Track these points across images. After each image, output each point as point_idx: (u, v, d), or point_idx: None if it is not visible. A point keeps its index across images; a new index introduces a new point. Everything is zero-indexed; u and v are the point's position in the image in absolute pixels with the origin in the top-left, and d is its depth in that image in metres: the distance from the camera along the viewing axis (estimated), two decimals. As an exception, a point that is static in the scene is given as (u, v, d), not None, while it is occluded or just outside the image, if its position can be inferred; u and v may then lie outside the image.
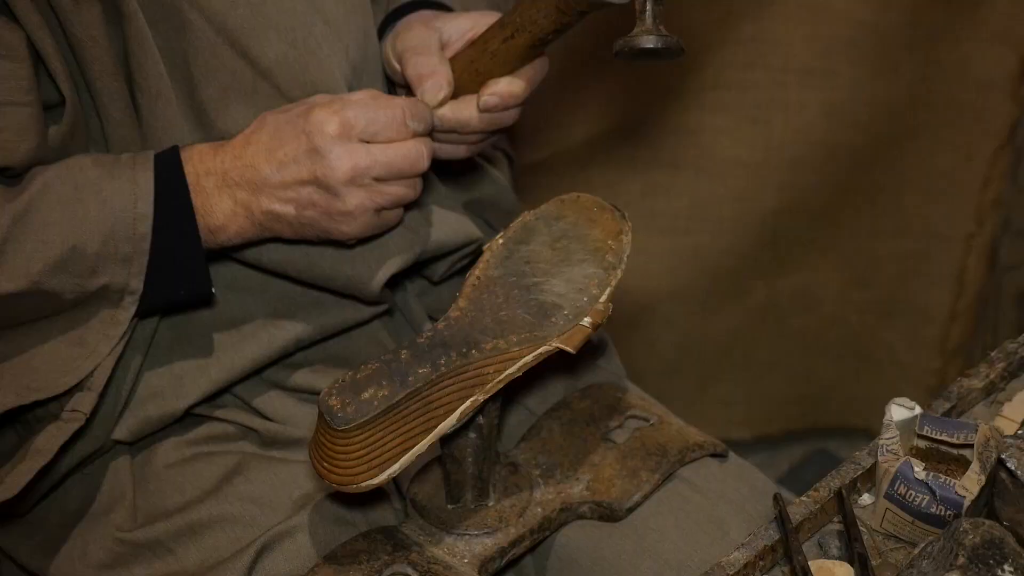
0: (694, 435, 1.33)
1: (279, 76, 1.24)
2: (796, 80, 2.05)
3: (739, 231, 2.18)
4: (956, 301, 2.23)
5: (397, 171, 1.21)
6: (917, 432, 1.12)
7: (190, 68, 1.21)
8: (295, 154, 1.19)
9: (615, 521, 1.25)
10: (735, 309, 2.27)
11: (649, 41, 1.15)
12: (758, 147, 2.10)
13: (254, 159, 1.20)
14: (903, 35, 2.01)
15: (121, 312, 1.19)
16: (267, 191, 1.19)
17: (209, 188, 1.19)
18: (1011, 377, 1.25)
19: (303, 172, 1.19)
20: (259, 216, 1.21)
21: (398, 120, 1.21)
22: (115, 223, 1.16)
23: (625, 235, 1.22)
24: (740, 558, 1.06)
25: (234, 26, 1.21)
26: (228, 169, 1.20)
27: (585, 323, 1.15)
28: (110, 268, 1.16)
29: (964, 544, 0.98)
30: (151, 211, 1.16)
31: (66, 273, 1.15)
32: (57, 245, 1.14)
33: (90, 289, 1.16)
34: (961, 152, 2.10)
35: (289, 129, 1.20)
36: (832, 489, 1.11)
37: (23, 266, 1.13)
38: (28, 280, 1.13)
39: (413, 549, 1.17)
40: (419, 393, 1.09)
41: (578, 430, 1.32)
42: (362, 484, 1.09)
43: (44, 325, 1.18)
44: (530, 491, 1.24)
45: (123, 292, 1.18)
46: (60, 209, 1.15)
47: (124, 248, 1.16)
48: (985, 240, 2.16)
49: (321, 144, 1.18)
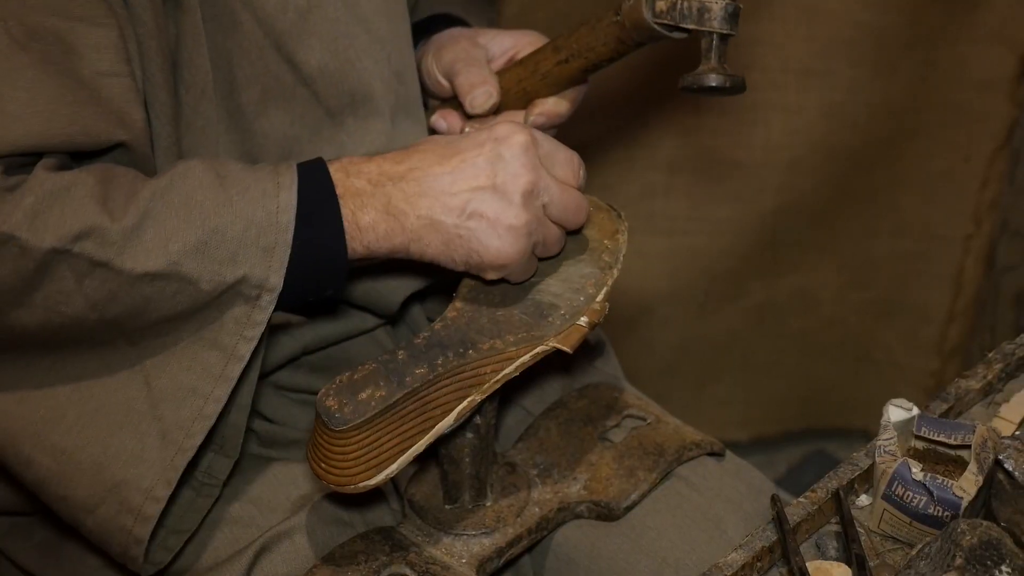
0: (691, 434, 1.33)
1: (319, 83, 1.23)
2: (794, 81, 2.05)
3: (737, 232, 2.18)
4: (954, 302, 2.23)
5: (563, 209, 1.16)
6: (915, 433, 1.12)
7: (233, 69, 1.20)
8: (475, 159, 1.14)
9: (612, 520, 1.26)
10: (733, 310, 2.27)
11: (715, 80, 1.20)
12: (756, 148, 2.10)
13: (422, 162, 1.14)
14: (901, 36, 2.01)
15: (258, 312, 1.10)
16: (432, 195, 1.13)
17: (360, 185, 1.13)
18: (1009, 378, 1.25)
19: (481, 178, 1.13)
20: (413, 221, 1.13)
21: (574, 163, 1.19)
22: (256, 210, 1.09)
23: (621, 234, 1.23)
24: (738, 559, 1.06)
25: (282, 30, 1.20)
26: (387, 171, 1.14)
27: (582, 323, 1.15)
28: (250, 257, 1.08)
29: (962, 545, 0.98)
30: (295, 201, 1.09)
31: (205, 257, 1.07)
32: (198, 225, 1.07)
33: (228, 280, 1.08)
34: (959, 153, 2.10)
35: (468, 140, 1.15)
36: (830, 490, 1.11)
37: (162, 244, 1.07)
38: (167, 259, 1.06)
39: (411, 550, 1.17)
40: (416, 393, 1.09)
41: (575, 430, 1.32)
42: (359, 485, 1.09)
43: (175, 327, 1.11)
44: (527, 491, 1.24)
45: (262, 288, 1.09)
46: (202, 191, 1.09)
47: (266, 237, 1.09)
48: (983, 241, 2.17)
49: (507, 151, 1.13)
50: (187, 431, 1.10)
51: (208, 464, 1.18)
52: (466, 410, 1.11)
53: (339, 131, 1.26)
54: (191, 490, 1.18)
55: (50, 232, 1.04)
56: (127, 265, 1.05)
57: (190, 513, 1.19)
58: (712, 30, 1.19)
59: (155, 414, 1.10)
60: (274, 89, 1.22)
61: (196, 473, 1.18)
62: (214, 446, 1.17)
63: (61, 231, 1.04)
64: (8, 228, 1.03)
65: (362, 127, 1.26)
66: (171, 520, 1.17)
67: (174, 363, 1.11)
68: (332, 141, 1.26)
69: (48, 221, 1.04)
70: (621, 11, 1.23)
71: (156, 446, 1.10)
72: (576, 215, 1.18)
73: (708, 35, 1.20)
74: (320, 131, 1.25)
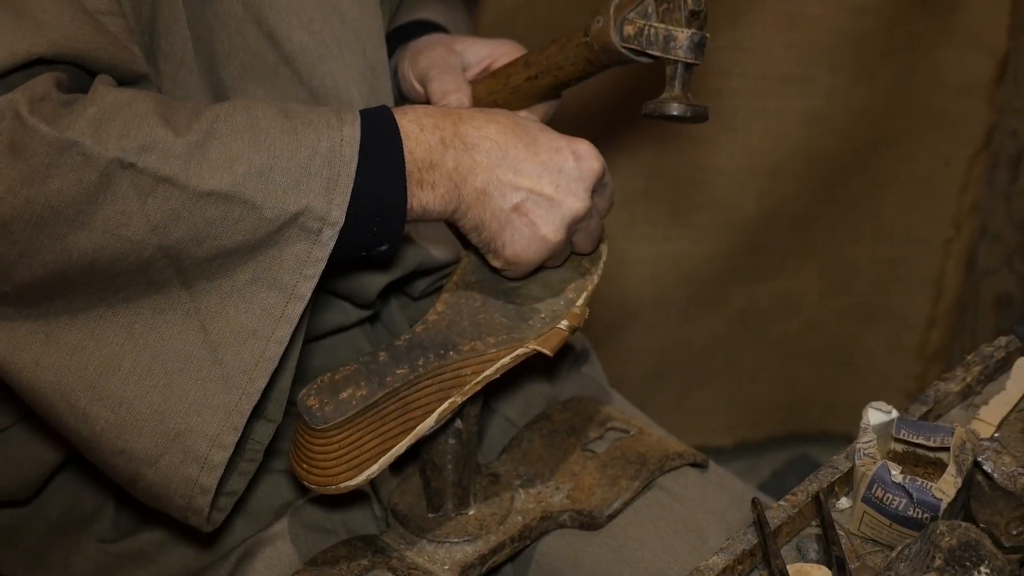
0: (674, 445, 1.34)
1: (300, 63, 1.21)
2: (774, 87, 2.06)
3: (719, 238, 2.19)
4: (935, 306, 2.24)
5: (588, 236, 1.20)
6: (894, 436, 1.12)
7: (213, 42, 1.18)
8: (550, 160, 1.14)
9: (595, 529, 1.26)
10: (716, 316, 2.28)
11: (677, 109, 1.20)
12: (737, 154, 2.11)
13: (500, 137, 1.13)
14: (880, 42, 2.02)
15: (319, 248, 1.07)
16: (499, 174, 1.13)
17: (432, 142, 1.11)
18: (987, 380, 1.25)
19: (545, 181, 1.14)
20: (469, 191, 1.12)
21: (612, 197, 1.22)
22: (321, 140, 1.06)
23: (602, 241, 1.23)
24: (719, 562, 1.06)
25: (261, 3, 1.18)
26: (463, 133, 1.12)
27: (562, 326, 1.16)
28: (313, 187, 1.05)
29: (941, 546, 0.98)
30: (358, 136, 1.07)
31: (269, 183, 1.04)
32: (263, 149, 1.04)
33: (291, 209, 1.05)
34: (939, 158, 2.11)
35: (547, 137, 1.16)
36: (810, 493, 1.12)
37: (227, 163, 1.03)
38: (232, 179, 1.03)
39: (393, 556, 1.18)
40: (397, 393, 1.09)
41: (559, 441, 1.33)
42: (340, 485, 1.09)
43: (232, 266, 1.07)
44: (511, 500, 1.24)
45: (323, 221, 1.06)
46: (267, 120, 1.06)
47: (330, 168, 1.06)
48: (963, 245, 2.17)
49: (578, 170, 1.15)
50: (250, 375, 1.07)
51: (251, 429, 1.14)
52: (447, 411, 1.12)
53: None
54: (235, 453, 1.13)
55: (113, 142, 1.01)
56: (192, 181, 1.02)
57: (236, 476, 1.15)
58: (677, 59, 1.20)
59: (215, 358, 1.07)
60: (255, 65, 1.19)
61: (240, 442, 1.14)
62: (262, 418, 1.14)
63: (125, 142, 1.01)
64: (72, 135, 0.99)
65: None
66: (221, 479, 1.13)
67: (231, 306, 1.07)
68: None
69: (111, 131, 1.01)
70: (590, 32, 1.24)
71: (219, 391, 1.07)
72: (594, 243, 1.22)
73: (673, 63, 1.20)
74: None
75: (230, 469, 1.12)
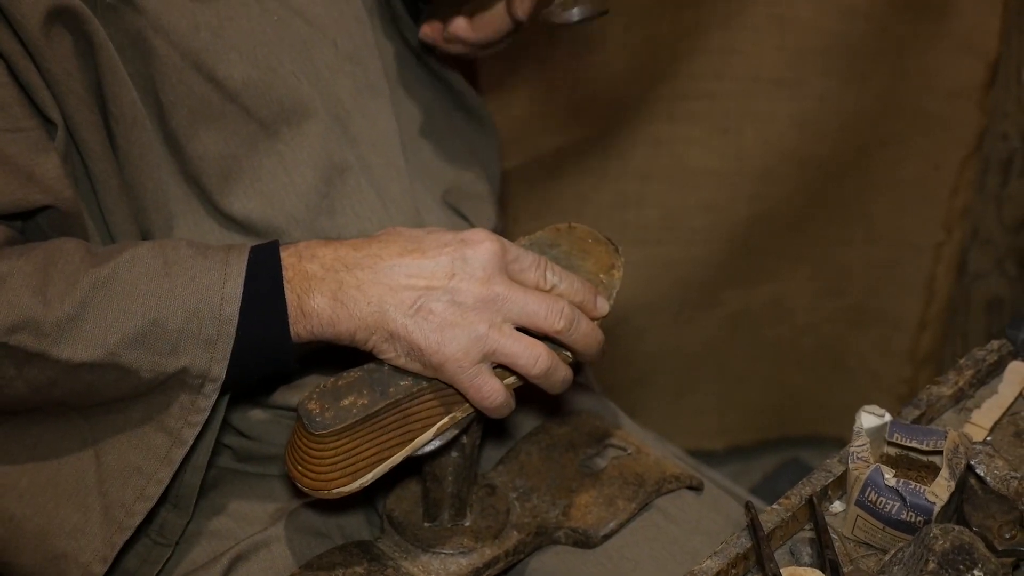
0: (671, 467, 1.34)
1: (246, 98, 1.22)
2: (765, 90, 2.06)
3: (711, 241, 2.19)
4: (926, 309, 2.24)
5: (529, 316, 1.12)
6: (887, 439, 1.12)
7: (159, 95, 1.19)
8: (437, 256, 1.11)
9: (590, 548, 1.25)
10: (707, 319, 2.28)
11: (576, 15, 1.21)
12: (728, 157, 2.11)
13: (382, 251, 1.12)
14: (871, 45, 2.02)
15: (202, 399, 1.10)
16: (385, 284, 1.10)
17: (312, 269, 1.11)
18: (980, 384, 1.25)
19: (438, 276, 1.11)
20: (362, 308, 1.10)
21: (542, 266, 1.15)
22: (201, 302, 1.08)
23: (617, 270, 1.22)
24: (712, 566, 1.06)
25: (198, 49, 1.19)
26: (343, 256, 1.12)
27: (567, 354, 1.15)
28: (192, 348, 1.08)
29: (934, 550, 0.98)
30: (240, 292, 1.09)
31: (145, 349, 1.07)
32: (138, 317, 1.07)
33: (169, 370, 1.08)
34: (929, 161, 2.11)
35: (434, 237, 1.13)
36: (803, 497, 1.12)
37: (100, 335, 1.06)
38: (104, 351, 1.06)
39: (388, 564, 1.17)
40: (398, 405, 1.09)
41: (557, 455, 1.32)
42: (334, 491, 1.08)
43: (125, 405, 1.12)
44: (507, 513, 1.24)
45: (204, 378, 1.09)
46: (146, 281, 1.08)
47: (208, 329, 1.08)
48: (954, 248, 2.18)
49: (472, 255, 1.11)
50: (128, 510, 1.12)
51: (162, 520, 1.19)
52: (447, 426, 1.11)
53: (276, 142, 1.24)
54: (148, 539, 1.20)
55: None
56: (64, 355, 1.06)
57: (146, 565, 1.20)
58: None
59: (101, 489, 1.12)
60: (201, 110, 1.20)
61: (150, 529, 1.19)
62: (168, 504, 1.18)
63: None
64: None
65: (298, 134, 1.25)
66: (131, 563, 1.20)
67: (123, 440, 1.12)
68: (270, 153, 1.24)
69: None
70: None
71: (98, 521, 1.12)
72: (547, 321, 1.13)
73: None
74: (256, 145, 1.24)
75: (143, 557, 1.20)
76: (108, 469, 1.12)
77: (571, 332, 1.13)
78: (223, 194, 1.23)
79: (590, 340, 1.15)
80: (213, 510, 1.25)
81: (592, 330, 1.15)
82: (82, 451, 1.13)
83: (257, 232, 1.24)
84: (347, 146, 1.28)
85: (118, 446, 1.12)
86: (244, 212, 1.23)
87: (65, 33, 1.13)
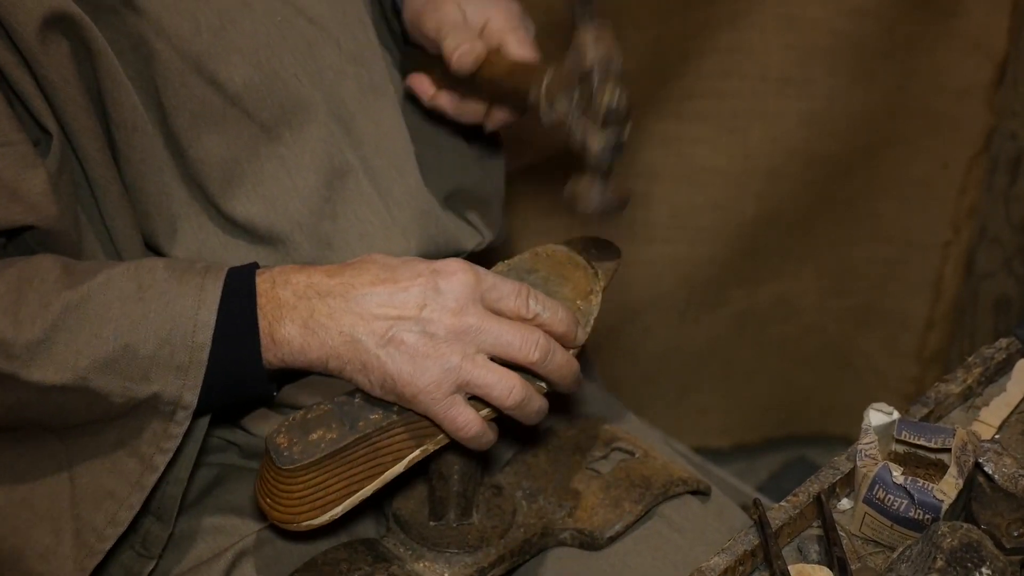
0: (678, 470, 1.33)
1: (247, 101, 1.21)
2: (773, 89, 2.06)
3: (718, 240, 2.18)
4: (933, 308, 2.24)
5: (505, 347, 1.10)
6: (895, 437, 1.12)
7: (160, 99, 1.19)
8: (409, 287, 1.10)
9: (595, 550, 1.25)
10: (714, 318, 2.28)
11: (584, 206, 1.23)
12: (736, 156, 2.11)
13: (355, 279, 1.11)
14: (879, 44, 2.02)
15: (174, 426, 1.10)
16: (357, 313, 1.09)
17: (284, 296, 1.10)
18: (988, 382, 1.26)
19: (410, 307, 1.09)
20: (334, 337, 1.09)
21: (523, 294, 1.13)
22: (174, 328, 1.08)
23: (595, 295, 1.21)
24: (720, 563, 1.06)
25: (199, 52, 1.18)
26: (315, 283, 1.11)
27: (541, 384, 1.14)
28: (163, 375, 1.08)
29: (942, 547, 0.98)
30: (213, 320, 1.08)
31: (116, 374, 1.07)
32: (109, 341, 1.07)
33: (140, 396, 1.08)
34: (937, 160, 2.11)
35: (408, 267, 1.12)
36: (811, 494, 1.12)
37: (71, 359, 1.06)
38: (75, 374, 1.06)
39: (394, 562, 1.17)
40: (368, 439, 1.08)
41: (564, 458, 1.32)
42: (303, 524, 1.08)
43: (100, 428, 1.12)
44: (512, 513, 1.23)
45: (176, 405, 1.09)
46: (119, 305, 1.08)
47: (180, 356, 1.08)
48: (962, 248, 2.18)
49: (445, 285, 1.09)
50: (99, 534, 1.12)
51: (145, 531, 1.19)
52: (417, 459, 1.11)
53: (277, 145, 1.24)
54: (132, 551, 1.20)
55: None
56: (34, 377, 1.06)
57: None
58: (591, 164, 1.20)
59: (74, 513, 1.12)
60: (203, 113, 1.20)
61: (134, 540, 1.19)
62: (151, 515, 1.18)
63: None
64: None
65: (299, 137, 1.25)
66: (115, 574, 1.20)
67: (98, 464, 1.12)
68: (272, 156, 1.24)
69: None
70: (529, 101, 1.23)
71: (70, 544, 1.12)
72: (521, 352, 1.11)
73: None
74: (257, 148, 1.23)
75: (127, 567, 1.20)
76: (82, 492, 1.12)
77: (546, 363, 1.12)
78: (226, 198, 1.22)
79: (565, 371, 1.14)
80: (218, 506, 1.25)
81: (567, 361, 1.14)
82: (57, 473, 1.13)
83: (260, 236, 1.24)
84: (350, 148, 1.28)
85: (92, 469, 1.12)
86: (247, 216, 1.23)
87: (62, 40, 1.12)
